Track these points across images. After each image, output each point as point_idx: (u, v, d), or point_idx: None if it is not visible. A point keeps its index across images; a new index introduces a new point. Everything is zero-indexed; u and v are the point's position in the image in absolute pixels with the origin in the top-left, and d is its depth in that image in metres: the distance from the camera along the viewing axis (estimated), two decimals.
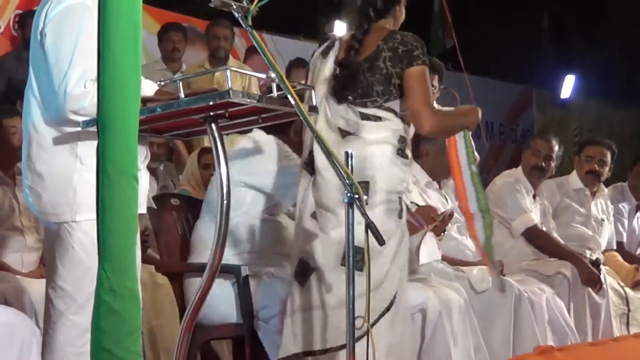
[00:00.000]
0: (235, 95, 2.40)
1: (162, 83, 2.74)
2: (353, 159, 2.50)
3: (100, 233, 1.98)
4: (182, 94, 2.47)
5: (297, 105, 2.42)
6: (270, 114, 2.69)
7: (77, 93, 2.58)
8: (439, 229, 3.95)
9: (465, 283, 4.00)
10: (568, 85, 10.47)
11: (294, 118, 2.79)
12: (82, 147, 2.69)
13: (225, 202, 2.52)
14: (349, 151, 2.52)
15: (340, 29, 6.69)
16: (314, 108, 2.80)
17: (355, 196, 2.33)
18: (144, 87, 2.47)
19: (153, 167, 4.99)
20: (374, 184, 2.95)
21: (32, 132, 2.75)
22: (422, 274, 3.80)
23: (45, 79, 2.69)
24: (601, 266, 4.93)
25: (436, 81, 4.19)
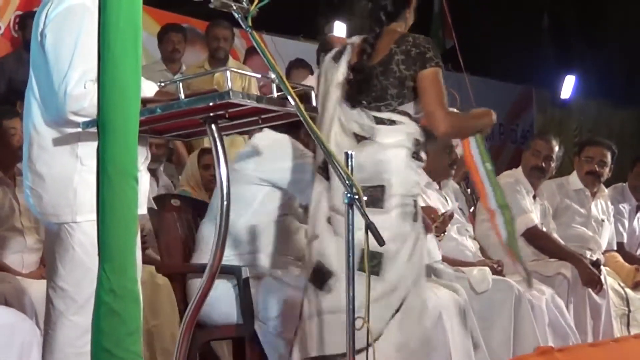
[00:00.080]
0: (235, 96, 2.40)
1: (162, 84, 2.74)
2: (353, 159, 2.50)
3: (100, 234, 1.98)
4: (182, 95, 2.47)
5: (297, 106, 2.42)
6: (270, 115, 2.69)
7: (77, 94, 2.58)
8: (439, 229, 3.97)
9: (465, 284, 4.00)
10: (568, 86, 10.45)
11: (294, 119, 2.79)
12: (82, 148, 2.69)
13: (225, 202, 2.53)
14: (349, 152, 2.51)
15: (340, 30, 6.70)
16: (313, 108, 2.79)
17: (356, 197, 2.33)
18: (144, 88, 2.48)
19: (153, 167, 4.99)
20: (390, 188, 2.95)
21: (33, 133, 2.75)
22: None
23: (46, 80, 2.69)
24: (601, 267, 4.94)
25: None
